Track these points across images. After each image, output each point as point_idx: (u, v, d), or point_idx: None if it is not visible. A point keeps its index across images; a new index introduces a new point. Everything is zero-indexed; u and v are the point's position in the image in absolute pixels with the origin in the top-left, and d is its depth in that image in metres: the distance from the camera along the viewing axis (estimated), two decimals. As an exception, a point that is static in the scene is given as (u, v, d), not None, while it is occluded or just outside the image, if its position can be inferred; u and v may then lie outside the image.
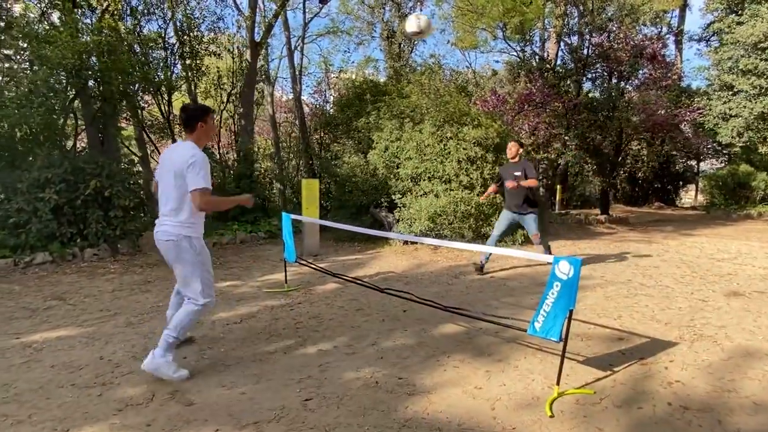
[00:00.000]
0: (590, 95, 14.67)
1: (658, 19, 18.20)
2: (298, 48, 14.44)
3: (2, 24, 7.69)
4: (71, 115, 8.35)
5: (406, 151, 8.48)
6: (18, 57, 7.66)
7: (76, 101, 8.07)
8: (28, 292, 5.23)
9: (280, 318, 4.38)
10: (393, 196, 8.39)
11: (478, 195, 7.99)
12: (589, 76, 14.57)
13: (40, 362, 3.35)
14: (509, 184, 5.76)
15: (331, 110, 12.85)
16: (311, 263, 5.72)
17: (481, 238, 8.19)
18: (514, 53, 16.68)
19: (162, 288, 5.57)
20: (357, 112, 10.43)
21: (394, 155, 8.73)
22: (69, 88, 7.43)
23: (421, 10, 19.31)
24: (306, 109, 14.09)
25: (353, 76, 16.09)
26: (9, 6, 7.94)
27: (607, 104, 13.36)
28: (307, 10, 14.63)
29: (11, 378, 3.10)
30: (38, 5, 8.04)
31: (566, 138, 13.63)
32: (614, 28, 13.49)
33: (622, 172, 19.69)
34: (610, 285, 5.54)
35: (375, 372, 3.16)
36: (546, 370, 3.18)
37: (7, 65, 7.47)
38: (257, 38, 10.99)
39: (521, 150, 6.07)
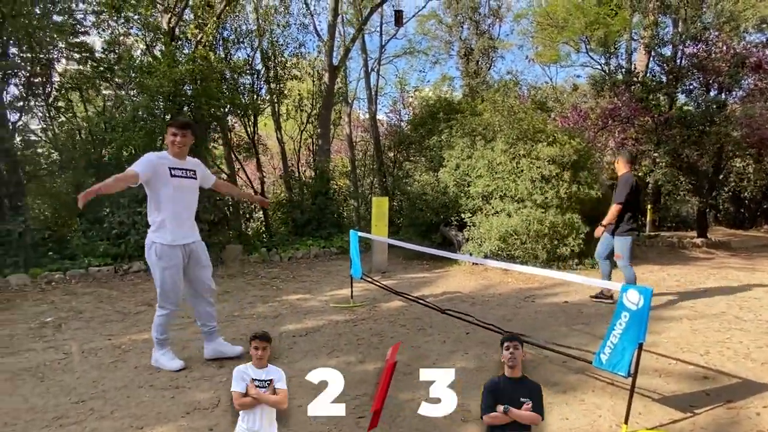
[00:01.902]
0: (684, 109, 13.59)
1: (765, 25, 16.53)
2: (375, 69, 14.84)
3: (115, 57, 8.75)
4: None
5: (477, 169, 8.37)
6: (126, 86, 8.65)
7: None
8: (123, 297, 5.80)
9: (343, 333, 4.47)
10: (463, 215, 8.29)
11: (553, 215, 7.68)
12: (683, 88, 13.52)
13: (125, 363, 3.69)
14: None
15: (406, 129, 13.04)
16: (376, 281, 5.79)
17: (555, 260, 7.84)
18: (598, 66, 15.94)
19: (239, 298, 5.91)
20: (430, 131, 10.48)
21: (465, 173, 8.65)
22: (166, 113, 8.23)
23: (500, 26, 19.19)
24: (381, 128, 14.41)
25: (429, 94, 16.24)
26: (121, 41, 9.03)
27: (704, 118, 12.28)
28: (384, 33, 15.04)
29: (100, 375, 3.45)
30: (144, 39, 9.05)
31: (656, 155, 12.71)
32: (712, 37, 12.45)
33: (724, 191, 17.90)
34: (699, 317, 5.04)
35: (431, 394, 3.12)
36: (615, 407, 2.96)
37: (115, 92, 8.44)
38: (335, 62, 11.49)
39: (619, 162, 5.58)
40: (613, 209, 5.33)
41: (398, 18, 12.19)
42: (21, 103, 8.13)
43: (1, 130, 7.15)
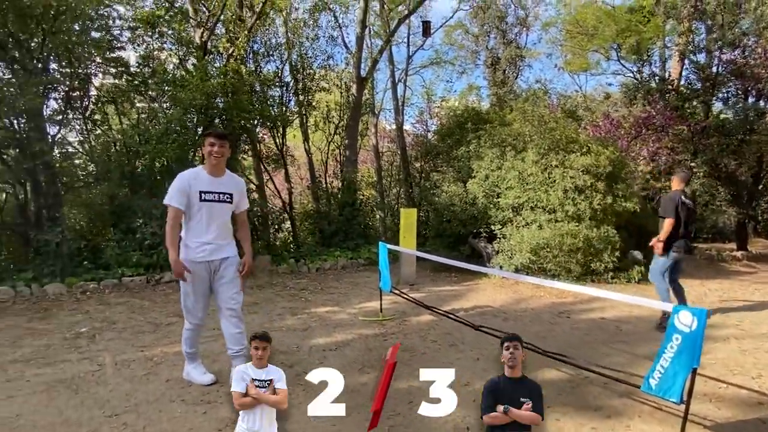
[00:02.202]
0: (721, 117, 13.14)
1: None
2: (402, 80, 14.86)
3: (149, 71, 8.97)
4: (199, 148, 9.37)
5: (507, 180, 8.22)
6: (159, 99, 8.84)
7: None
8: (155, 308, 5.85)
9: (373, 348, 4.39)
10: (493, 227, 8.14)
11: (586, 227, 7.46)
12: (720, 96, 13.08)
13: (157, 376, 3.69)
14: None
15: (433, 139, 12.97)
16: (405, 294, 5.70)
17: (589, 274, 7.61)
18: (630, 74, 15.59)
19: (268, 310, 5.89)
20: (457, 141, 10.39)
21: (495, 184, 8.51)
22: (198, 126, 8.37)
23: (527, 35, 19.01)
24: (408, 139, 14.37)
25: (455, 104, 16.15)
26: (155, 55, 9.26)
27: (743, 126, 11.84)
28: (411, 44, 15.07)
29: (133, 389, 3.45)
30: (177, 54, 9.27)
31: (693, 164, 12.29)
32: (751, 43, 12.03)
33: (763, 201, 17.18)
34: (747, 336, 4.78)
35: (466, 416, 3.02)
36: (664, 434, 2.79)
37: (149, 105, 8.64)
38: (363, 74, 11.53)
39: (674, 181, 5.60)
40: (667, 224, 5.20)
41: (426, 29, 12.19)
42: (60, 117, 8.38)
43: (40, 143, 7.36)
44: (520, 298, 6.61)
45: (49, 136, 8.12)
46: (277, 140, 11.04)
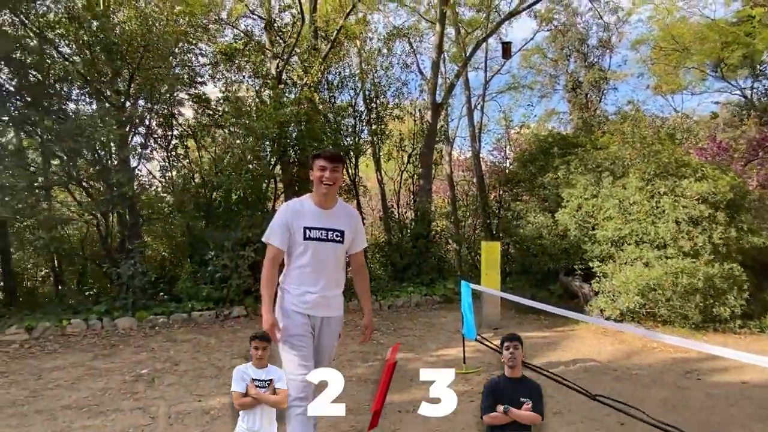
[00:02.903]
0: None
1: None
2: (478, 107, 14.27)
3: (227, 105, 9.07)
4: (272, 179, 9.27)
5: (605, 209, 7.24)
6: (235, 130, 8.88)
7: (277, 167, 8.94)
8: (221, 347, 5.51)
9: (460, 411, 3.61)
10: (589, 263, 7.15)
11: (705, 264, 6.31)
12: None
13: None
14: None
15: (512, 166, 12.14)
16: (490, 342, 4.95)
17: (711, 321, 6.40)
18: (737, 92, 13.94)
19: (337, 353, 5.34)
20: (542, 167, 9.52)
21: (589, 214, 7.55)
22: (271, 156, 8.25)
23: (610, 57, 17.82)
24: (484, 167, 13.64)
25: (534, 131, 15.24)
26: (234, 89, 9.40)
27: None
28: (488, 69, 14.51)
29: (183, 452, 3.00)
30: (253, 86, 9.35)
31: (825, 192, 10.47)
32: None
33: None
34: None
35: None
36: None
37: (226, 138, 8.68)
38: (438, 100, 11.09)
39: None
40: None
41: (506, 50, 11.59)
42: (143, 150, 8.60)
43: (122, 175, 7.47)
44: (630, 350, 5.57)
45: (132, 169, 8.33)
46: (350, 170, 10.77)
